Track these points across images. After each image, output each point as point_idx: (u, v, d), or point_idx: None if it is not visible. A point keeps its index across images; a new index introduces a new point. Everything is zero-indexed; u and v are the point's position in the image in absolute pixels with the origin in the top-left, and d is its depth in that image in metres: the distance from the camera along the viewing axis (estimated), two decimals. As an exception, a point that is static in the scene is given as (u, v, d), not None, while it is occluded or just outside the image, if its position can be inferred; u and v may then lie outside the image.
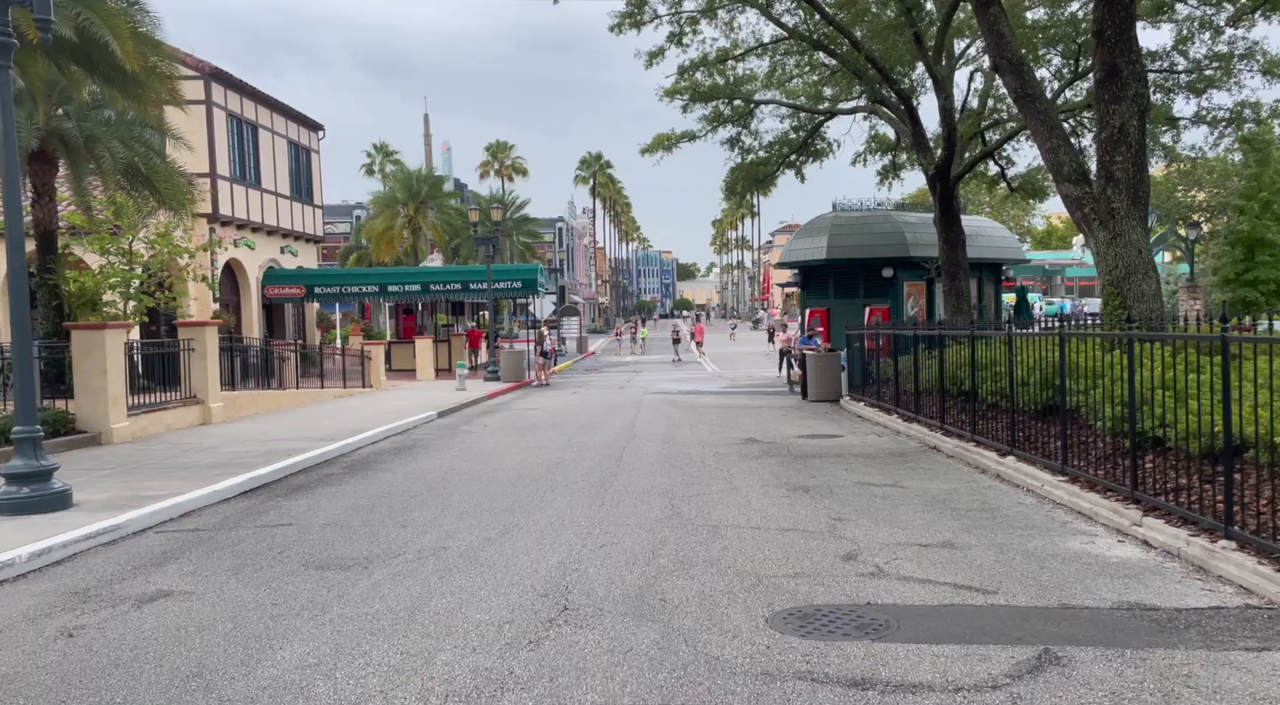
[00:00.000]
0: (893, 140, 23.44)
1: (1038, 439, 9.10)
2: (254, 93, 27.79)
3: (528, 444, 12.87)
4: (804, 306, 24.28)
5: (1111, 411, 7.86)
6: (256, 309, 28.60)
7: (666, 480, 9.41)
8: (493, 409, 19.23)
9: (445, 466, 10.90)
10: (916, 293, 22.73)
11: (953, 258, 18.44)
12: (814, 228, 23.19)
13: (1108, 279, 10.34)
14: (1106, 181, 10.26)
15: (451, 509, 8.16)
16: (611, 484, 9.27)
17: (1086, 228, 10.57)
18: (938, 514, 7.45)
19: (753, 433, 13.54)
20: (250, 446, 12.21)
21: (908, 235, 21.98)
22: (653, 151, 22.99)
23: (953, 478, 9.21)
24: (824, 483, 9.08)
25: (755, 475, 9.63)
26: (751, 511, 7.73)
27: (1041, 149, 11.01)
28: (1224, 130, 16.48)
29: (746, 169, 23.81)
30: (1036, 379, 9.29)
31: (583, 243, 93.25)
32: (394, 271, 32.72)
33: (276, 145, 29.46)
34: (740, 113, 22.93)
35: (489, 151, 69.89)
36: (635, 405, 18.89)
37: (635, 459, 11.06)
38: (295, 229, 30.83)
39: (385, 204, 39.90)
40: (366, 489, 9.39)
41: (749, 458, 10.94)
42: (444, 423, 16.42)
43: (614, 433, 13.98)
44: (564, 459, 11.23)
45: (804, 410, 17.04)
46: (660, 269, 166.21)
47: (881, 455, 10.90)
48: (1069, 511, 7.35)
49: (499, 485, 9.37)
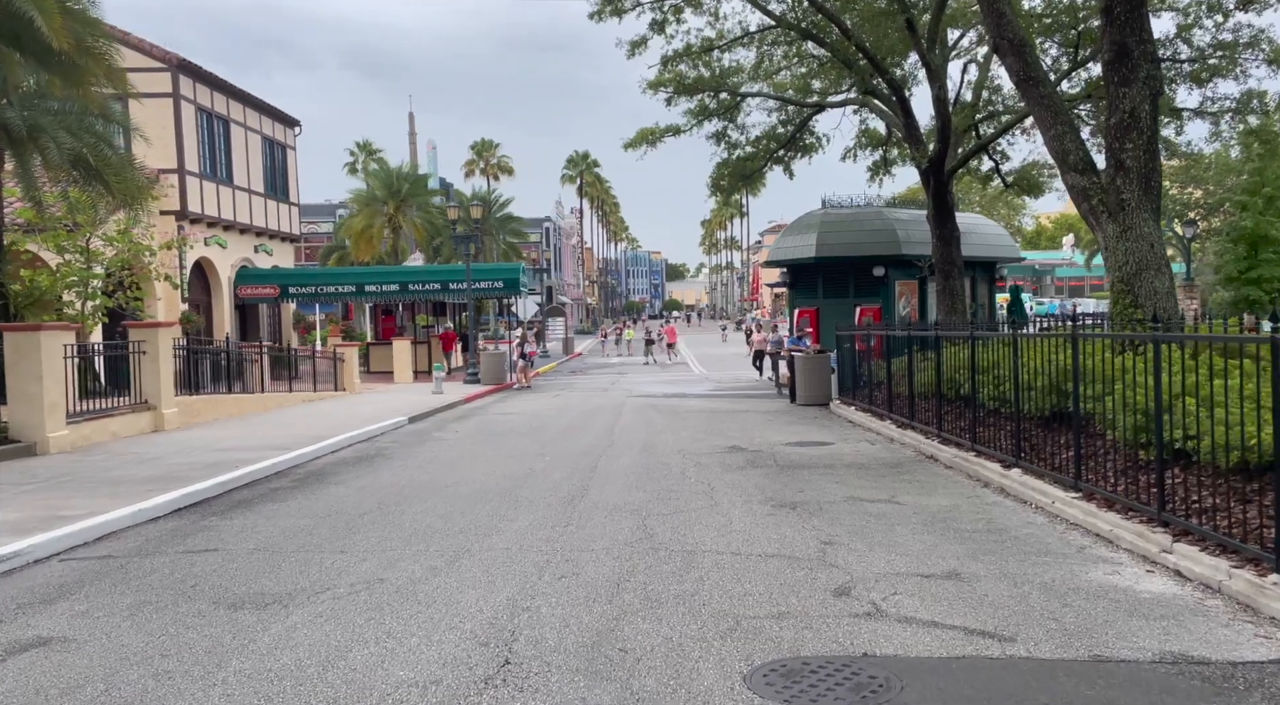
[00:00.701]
0: (883, 135, 22.75)
1: (1044, 449, 8.36)
2: (225, 86, 26.86)
3: (498, 453, 12.06)
4: (793, 306, 23.53)
5: (1129, 420, 7.12)
6: (229, 310, 27.65)
7: (642, 495, 8.61)
8: (468, 414, 18.40)
9: (405, 479, 10.07)
10: (908, 292, 22.02)
11: (947, 255, 17.73)
12: (803, 225, 22.44)
13: (1117, 275, 9.61)
14: (1116, 170, 9.53)
15: (401, 530, 7.34)
16: (581, 500, 8.47)
17: (1094, 220, 9.84)
18: (939, 536, 6.68)
19: (738, 440, 12.77)
20: (198, 457, 11.35)
21: (900, 233, 21.26)
22: (636, 146, 22.22)
23: (953, 492, 8.45)
24: (813, 498, 8.31)
25: (738, 489, 8.85)
26: (732, 533, 6.94)
27: (1045, 136, 10.28)
28: (1230, 121, 15.83)
29: (733, 165, 23.07)
30: (1042, 384, 8.55)
31: (570, 243, 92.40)
32: (371, 271, 31.84)
33: (250, 141, 28.51)
34: (726, 106, 22.18)
35: (474, 150, 68.95)
36: (616, 409, 18.10)
37: (610, 470, 10.26)
38: (270, 227, 29.88)
39: (365, 202, 38.98)
40: (312, 506, 8.56)
41: (732, 468, 10.16)
42: (414, 429, 15.58)
43: (591, 440, 13.18)
44: (534, 470, 10.42)
45: (792, 415, 16.28)
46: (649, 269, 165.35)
47: (875, 466, 10.14)
48: (1086, 533, 6.59)
49: (458, 502, 8.55)
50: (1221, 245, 17.66)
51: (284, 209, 31.02)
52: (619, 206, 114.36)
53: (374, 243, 38.46)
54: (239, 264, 28.27)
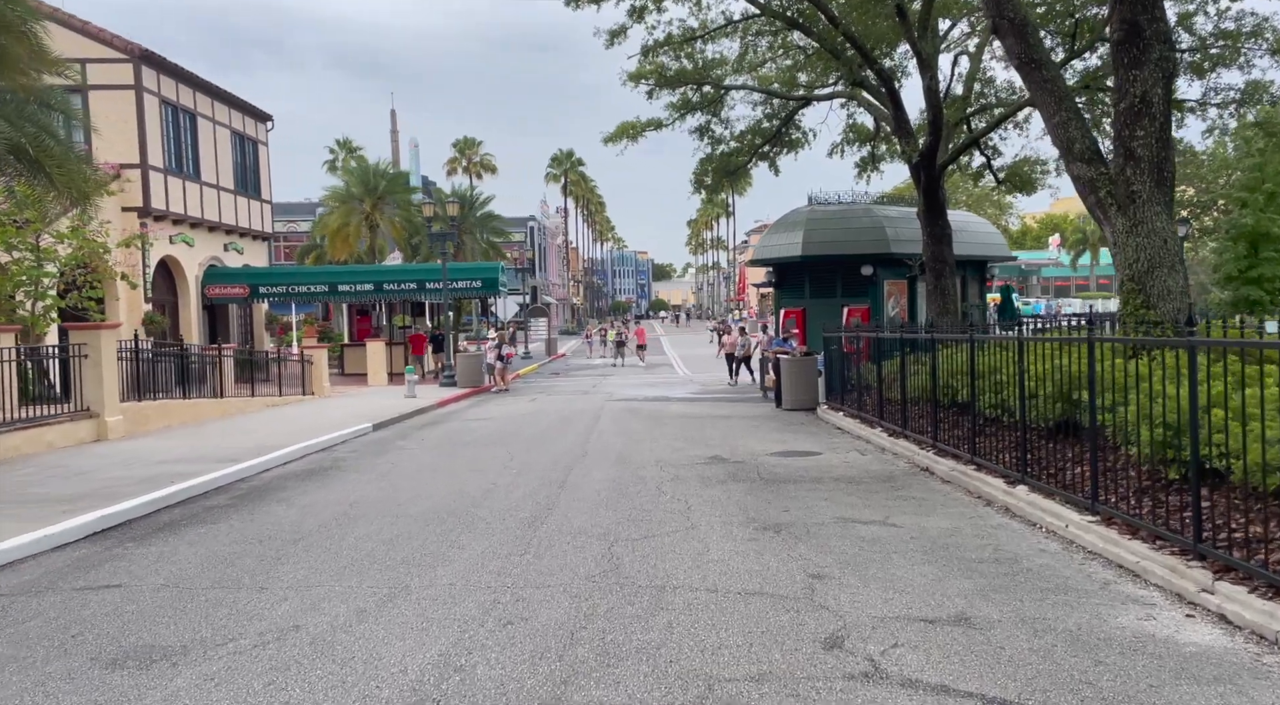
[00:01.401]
0: (871, 130, 22.04)
1: (1051, 463, 7.61)
2: (192, 78, 25.85)
3: (461, 464, 11.22)
4: (778, 306, 22.77)
5: (1149, 434, 6.38)
6: (196, 310, 26.65)
7: (611, 516, 7.81)
8: (438, 419, 17.54)
9: (354, 496, 9.22)
10: (897, 292, 21.32)
11: (938, 253, 17.02)
12: (789, 222, 21.69)
13: (1127, 273, 8.88)
14: (1126, 160, 8.80)
15: (336, 559, 6.51)
16: (544, 522, 7.66)
17: (1102, 214, 9.11)
18: (942, 567, 5.91)
19: (719, 449, 11.98)
20: (134, 470, 10.46)
21: (889, 230, 20.55)
22: (616, 140, 21.41)
23: (953, 512, 7.69)
24: (799, 518, 7.53)
25: (718, 507, 8.06)
26: (709, 563, 6.15)
27: (1048, 123, 9.54)
28: (1234, 113, 15.17)
29: (717, 160, 22.30)
30: (1048, 391, 7.82)
31: (556, 243, 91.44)
32: (345, 270, 30.88)
33: (218, 135, 27.50)
34: (710, 99, 21.42)
35: (456, 148, 67.91)
36: (595, 415, 17.29)
37: (580, 485, 9.45)
38: (241, 225, 28.88)
39: (341, 200, 37.94)
40: (246, 528, 7.71)
41: (713, 483, 9.36)
42: (377, 437, 14.71)
43: (564, 449, 12.37)
44: (497, 485, 9.60)
45: (777, 421, 15.52)
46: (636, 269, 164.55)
47: (866, 480, 9.37)
48: (1108, 565, 5.83)
49: (408, 523, 7.72)
50: (1220, 244, 16.99)
51: (255, 206, 30.01)
52: (604, 206, 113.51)
53: (350, 241, 37.43)
54: (207, 263, 27.28)
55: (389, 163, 40.05)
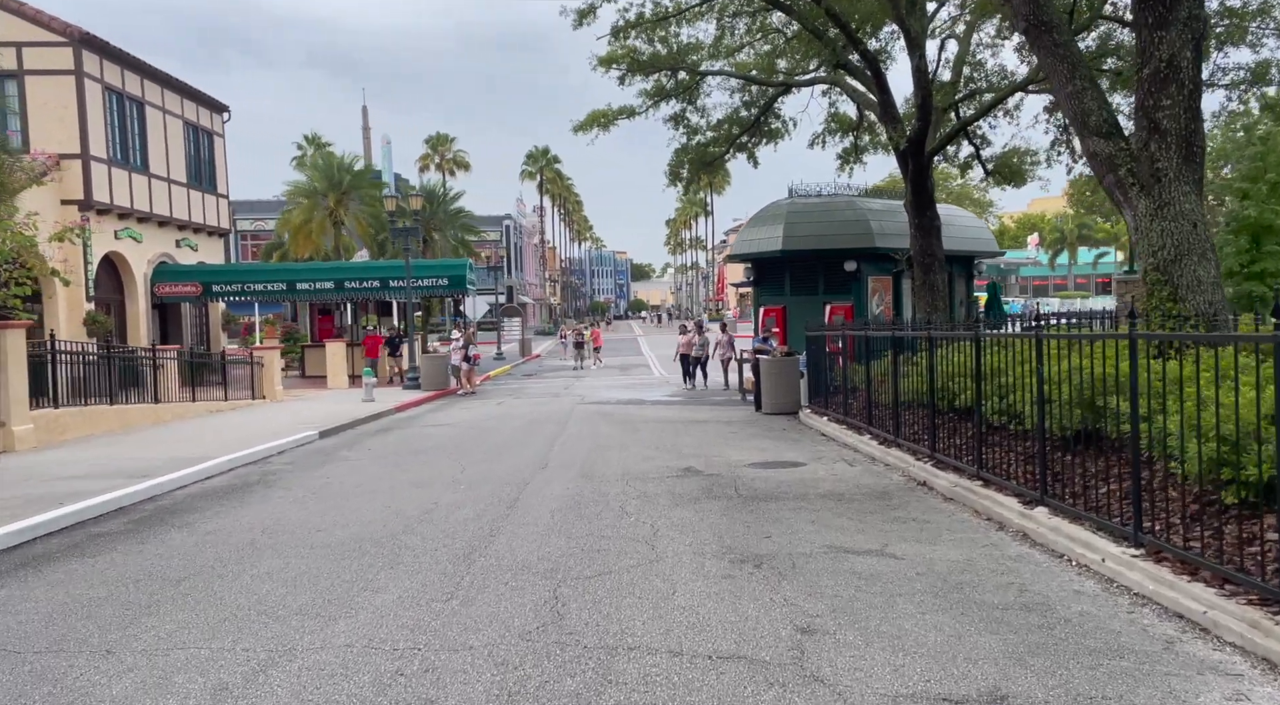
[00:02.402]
0: (854, 119, 21.02)
1: (1075, 480, 6.55)
2: (140, 65, 24.38)
3: (406, 478, 10.02)
4: (758, 304, 21.68)
5: (1199, 449, 5.33)
6: (144, 310, 25.18)
7: (563, 545, 6.65)
8: (393, 425, 16.28)
9: (273, 518, 8.00)
10: (882, 289, 20.31)
11: (926, 247, 16.02)
12: (768, 216, 20.61)
13: (1152, 263, 7.85)
14: (1150, 133, 7.77)
15: (218, 608, 5.31)
16: (483, 552, 6.49)
17: (1121, 195, 8.08)
18: (959, 617, 4.81)
19: (694, 459, 10.86)
20: (25, 489, 9.17)
21: (873, 224, 19.53)
22: (586, 129, 20.24)
23: (961, 538, 6.60)
24: (783, 546, 6.41)
25: (689, 533, 6.92)
26: (674, 611, 5.02)
27: (1060, 94, 8.49)
28: (1244, 92, 14.27)
29: (693, 151, 21.20)
30: (1066, 396, 6.76)
31: (532, 241, 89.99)
32: (304, 267, 29.47)
33: (169, 126, 26.03)
34: (685, 86, 20.31)
35: (429, 144, 66.39)
36: (563, 420, 16.11)
37: (534, 504, 8.29)
38: (194, 220, 27.44)
39: (304, 195, 36.45)
40: (127, 564, 6.48)
41: (684, 501, 8.23)
42: (320, 446, 13.45)
43: (523, 460, 11.19)
44: (439, 504, 8.41)
45: (757, 426, 14.42)
46: (614, 269, 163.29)
47: (857, 496, 8.27)
48: (1165, 614, 4.75)
49: (321, 557, 6.53)
50: (1220, 237, 16.09)
51: (210, 200, 28.55)
52: (582, 205, 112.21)
53: (314, 238, 35.95)
54: (157, 260, 25.83)
55: (355, 157, 38.55)
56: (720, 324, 25.14)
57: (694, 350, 22.69)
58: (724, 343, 22.82)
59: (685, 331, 23.69)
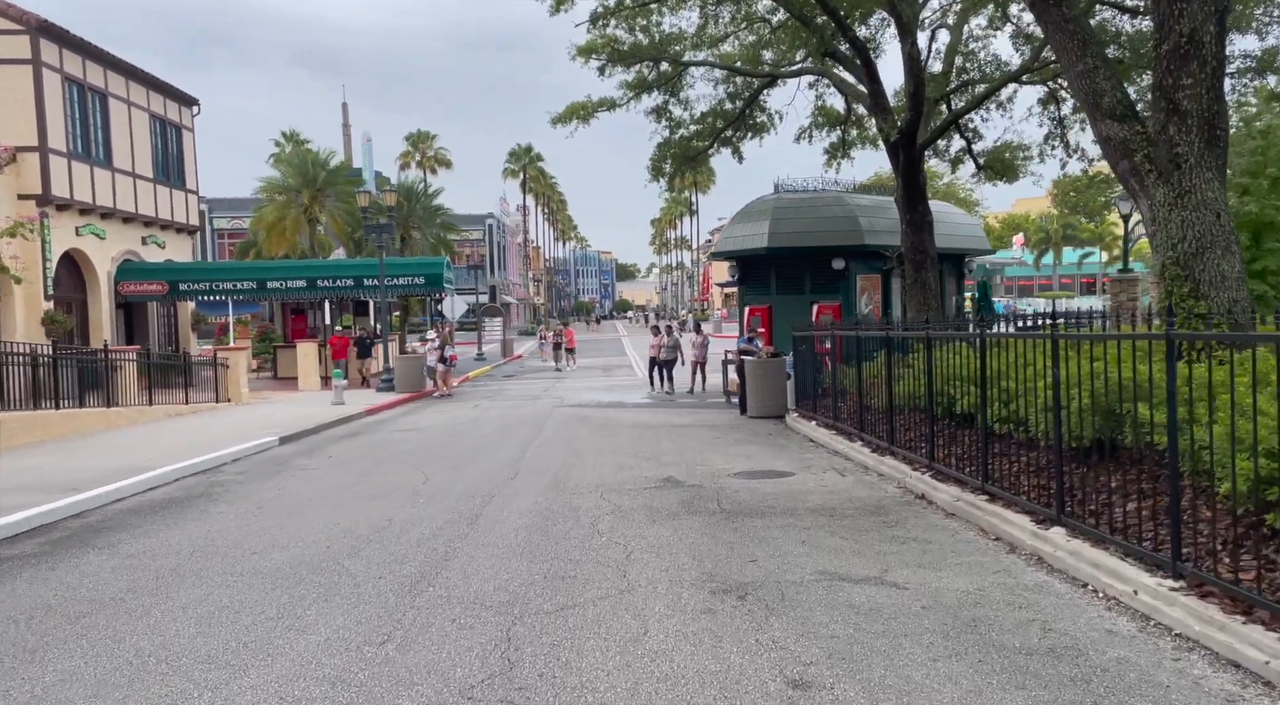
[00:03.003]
0: (841, 113, 20.38)
1: (1092, 496, 5.89)
2: (102, 56, 23.40)
3: (363, 490, 9.26)
4: (743, 303, 21.00)
5: (1249, 466, 4.67)
6: (108, 309, 24.21)
7: (524, 572, 5.93)
8: (361, 430, 15.48)
9: (205, 539, 7.23)
10: (871, 287, 19.66)
11: (918, 244, 15.39)
12: (753, 211, 19.92)
13: (1170, 256, 7.21)
14: (1169, 115, 7.12)
15: (111, 656, 4.54)
16: (434, 581, 5.75)
17: (1137, 183, 7.43)
18: (977, 665, 4.11)
19: (674, 467, 10.15)
20: (-61, 505, 8.34)
21: (862, 220, 18.88)
22: (565, 121, 19.48)
23: (969, 562, 5.91)
24: (770, 572, 5.71)
25: (666, 555, 6.21)
26: (645, 657, 4.30)
27: (1070, 73, 7.84)
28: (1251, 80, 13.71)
29: (676, 145, 20.50)
30: (1082, 403, 6.11)
31: (515, 241, 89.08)
32: (274, 265, 28.57)
33: (135, 119, 25.05)
34: (667, 78, 19.61)
35: (409, 141, 65.38)
36: (539, 423, 15.37)
37: (497, 521, 7.55)
38: (162, 217, 26.46)
39: (277, 191, 35.49)
40: (26, 595, 5.69)
41: (662, 516, 7.52)
42: (279, 453, 12.65)
43: (491, 469, 10.44)
44: (394, 520, 7.66)
45: (742, 431, 13.72)
46: (599, 269, 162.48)
47: (850, 511, 7.58)
48: (1219, 662, 4.06)
49: (249, 586, 5.77)
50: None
51: (179, 196, 27.59)
52: (566, 204, 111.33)
53: (288, 236, 34.98)
54: (122, 257, 24.86)
55: (330, 152, 37.61)
56: (695, 325, 23.83)
57: (663, 352, 21.49)
58: (698, 344, 21.58)
59: (657, 333, 22.50)
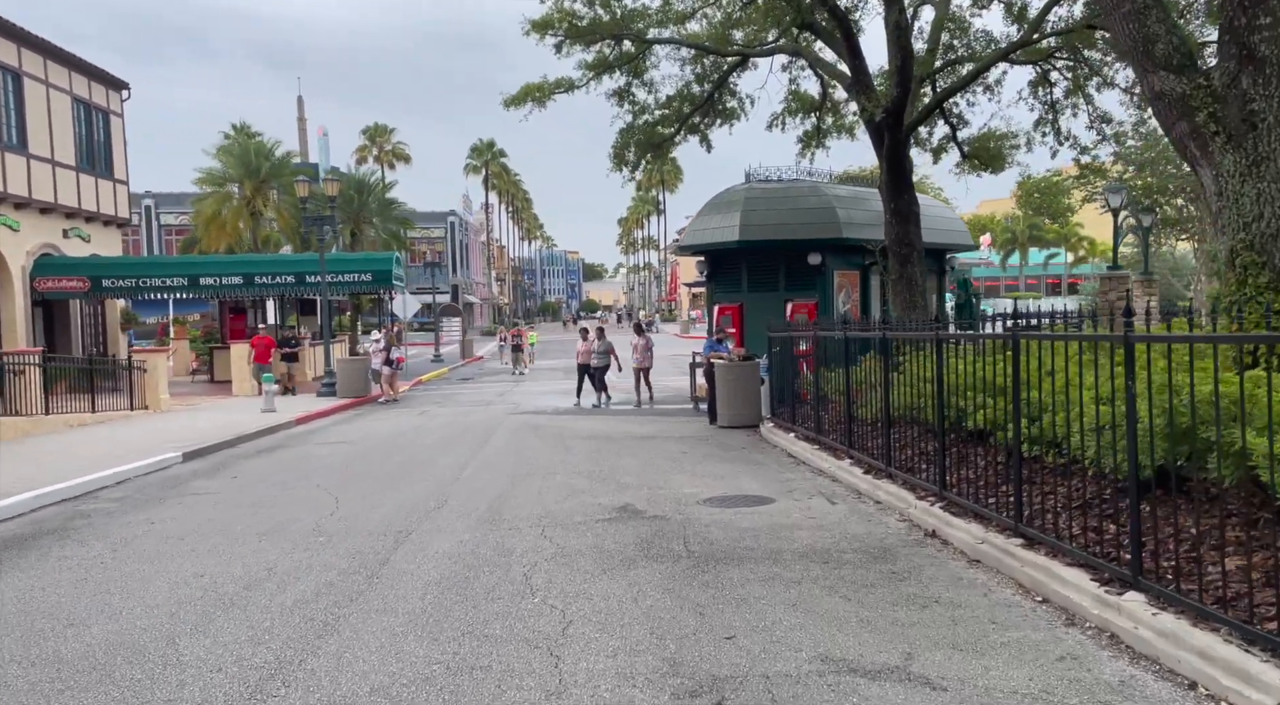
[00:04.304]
0: (817, 98, 19.00)
1: (1176, 550, 4.45)
2: (15, 31, 21.28)
3: (254, 524, 7.60)
4: (711, 302, 19.53)
5: None
6: (23, 308, 22.11)
7: (421, 656, 4.35)
8: (285, 442, 13.73)
9: (17, 601, 5.54)
10: (849, 284, 18.30)
11: (903, 235, 14.03)
12: (723, 202, 18.44)
13: (1243, 239, 5.82)
14: (1241, 63, 5.75)
15: None
16: (290, 677, 4.14)
17: (1197, 148, 6.05)
18: None
19: (634, 490, 8.61)
20: None
21: (840, 212, 17.50)
22: (519, 104, 17.86)
23: (1019, 643, 4.42)
24: (754, 660, 4.20)
25: (615, 630, 4.67)
26: None
27: (1112, 18, 6.43)
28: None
29: (640, 131, 18.95)
30: (1159, 424, 4.69)
31: (479, 239, 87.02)
32: (207, 260, 26.57)
33: (54, 101, 22.95)
34: (629, 57, 18.08)
35: (366, 135, 63.05)
36: (486, 434, 13.76)
37: (406, 571, 5.96)
38: (85, 208, 24.35)
39: (217, 182, 33.39)
40: None
41: (616, 564, 5.98)
42: (176, 473, 10.89)
43: (419, 493, 8.83)
44: (275, 570, 6.04)
45: (712, 444, 12.22)
46: (566, 269, 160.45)
47: (850, 556, 6.10)
48: None
49: (37, 682, 4.13)
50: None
51: (106, 186, 25.48)
52: (531, 203, 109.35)
53: (228, 230, 32.94)
54: (39, 251, 22.78)
55: (276, 142, 35.52)
56: (635, 324, 20.80)
57: (593, 358, 18.60)
58: (641, 348, 18.85)
59: (586, 336, 19.38)
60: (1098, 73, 14.92)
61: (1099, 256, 77.92)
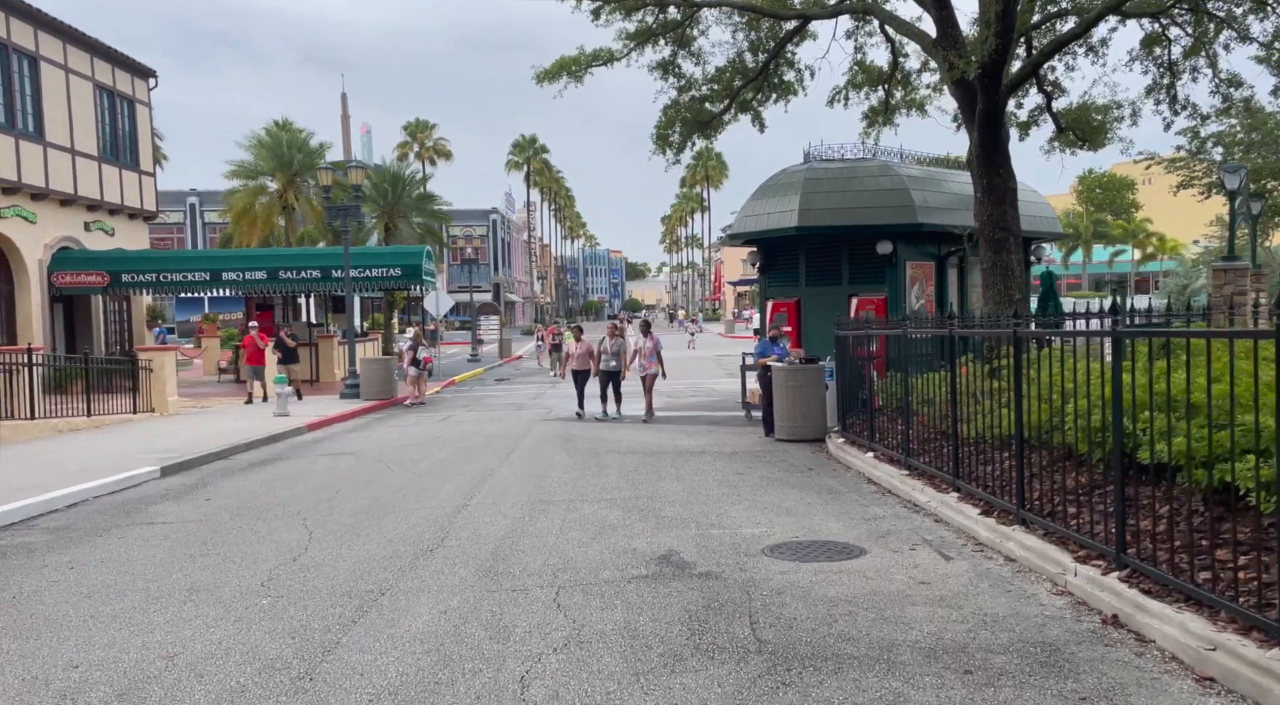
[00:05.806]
0: (884, 70, 16.95)
1: None
2: (30, 13, 20.13)
3: (190, 574, 5.88)
4: (764, 297, 17.51)
5: None
6: (40, 303, 21.03)
7: None
8: (284, 454, 12.11)
9: None
10: (923, 277, 16.15)
11: (998, 217, 11.94)
12: (779, 185, 16.40)
13: None
14: None
15: None
16: None
17: None
18: None
19: (678, 530, 6.73)
20: None
21: (915, 195, 15.36)
22: (553, 78, 16.14)
23: None
24: None
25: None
26: None
27: None
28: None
29: (686, 108, 17.11)
30: None
31: (521, 238, 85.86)
32: (230, 254, 25.32)
33: (75, 88, 21.83)
34: (674, 24, 16.25)
35: (408, 131, 62.08)
36: (509, 446, 11.99)
37: (356, 668, 4.16)
38: (109, 200, 23.26)
39: (249, 175, 32.29)
40: None
41: (653, 667, 4.09)
42: (144, 492, 9.28)
43: (407, 532, 7.05)
44: (178, 660, 4.29)
45: (772, 462, 10.24)
46: (608, 268, 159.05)
47: (1001, 662, 4.12)
48: None
49: None
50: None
51: (131, 178, 24.38)
52: (574, 200, 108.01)
53: (259, 225, 31.83)
54: (58, 244, 21.70)
55: (309, 133, 34.29)
56: (642, 323, 17.51)
57: (606, 362, 15.67)
58: (646, 353, 15.72)
59: (580, 336, 16.75)
60: (1229, 24, 12.61)
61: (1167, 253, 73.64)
